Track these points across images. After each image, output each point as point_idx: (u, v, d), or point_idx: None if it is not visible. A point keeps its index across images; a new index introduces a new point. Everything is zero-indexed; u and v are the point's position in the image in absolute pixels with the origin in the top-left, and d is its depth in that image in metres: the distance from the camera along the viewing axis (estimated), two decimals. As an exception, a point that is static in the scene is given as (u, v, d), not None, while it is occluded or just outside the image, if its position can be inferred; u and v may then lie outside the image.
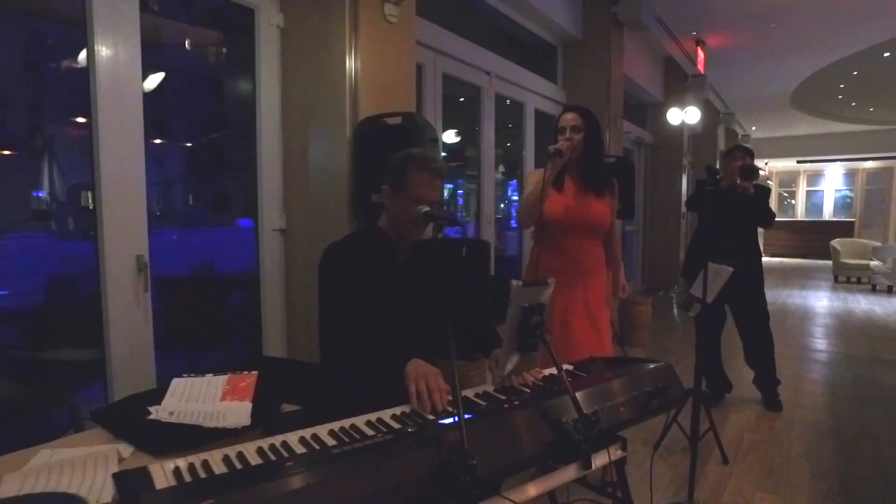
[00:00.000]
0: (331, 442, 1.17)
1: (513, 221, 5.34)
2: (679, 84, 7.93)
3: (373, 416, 1.31)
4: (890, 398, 3.80)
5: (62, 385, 2.43)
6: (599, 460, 1.33)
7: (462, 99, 4.43)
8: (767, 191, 3.62)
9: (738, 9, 5.88)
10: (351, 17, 2.49)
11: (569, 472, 1.29)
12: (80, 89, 2.20)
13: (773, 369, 3.56)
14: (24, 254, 2.33)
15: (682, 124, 7.58)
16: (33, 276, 2.43)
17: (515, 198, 5.59)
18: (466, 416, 1.16)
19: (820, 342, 5.53)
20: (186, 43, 2.85)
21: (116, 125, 2.15)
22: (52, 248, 2.46)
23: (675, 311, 6.54)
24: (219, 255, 3.06)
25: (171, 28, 2.68)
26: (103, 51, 2.11)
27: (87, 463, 1.54)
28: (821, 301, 8.04)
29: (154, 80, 2.41)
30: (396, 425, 1.27)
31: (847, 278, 9.87)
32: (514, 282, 1.30)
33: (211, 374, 2.19)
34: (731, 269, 2.60)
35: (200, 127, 3.05)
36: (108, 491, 1.48)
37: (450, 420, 1.24)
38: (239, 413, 1.86)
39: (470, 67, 4.13)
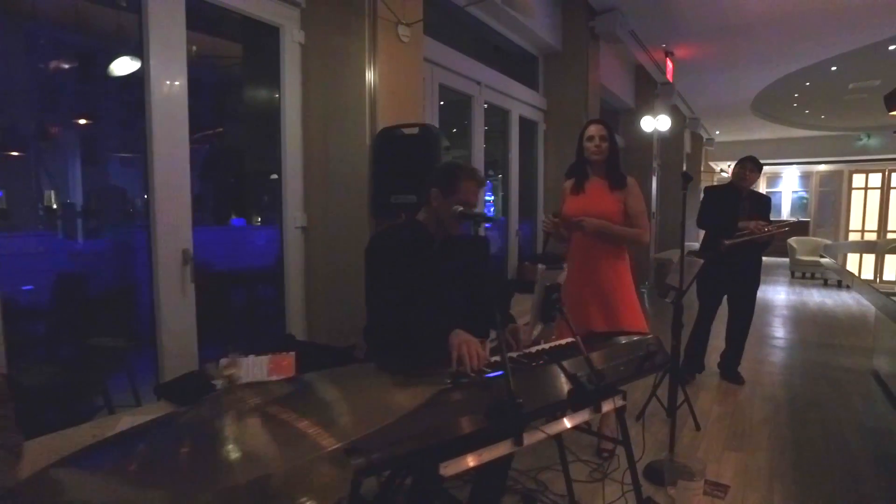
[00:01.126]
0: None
1: (502, 218, 5.65)
2: (649, 91, 8.42)
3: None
4: (835, 376, 4.31)
5: (113, 366, 2.68)
6: (606, 406, 1.68)
7: (442, 103, 4.75)
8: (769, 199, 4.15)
9: (704, 23, 6.35)
10: (370, 37, 2.80)
11: (584, 415, 1.64)
12: (134, 100, 2.45)
13: (742, 349, 4.05)
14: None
15: (654, 130, 8.07)
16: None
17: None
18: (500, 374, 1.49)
19: (778, 330, 6.06)
20: (200, 54, 3.11)
21: (166, 135, 2.41)
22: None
23: (647, 302, 6.99)
24: (246, 252, 3.35)
25: (204, 42, 2.93)
26: (156, 68, 2.37)
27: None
28: (779, 294, 8.65)
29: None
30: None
31: (802, 274, 10.56)
32: (539, 266, 1.64)
33: (253, 355, 2.49)
34: (700, 261, 3.01)
35: (223, 132, 3.31)
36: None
37: (493, 375, 1.57)
38: (290, 385, 2.18)
39: (462, 78, 4.46)
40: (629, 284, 2.78)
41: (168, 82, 2.41)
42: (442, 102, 4.70)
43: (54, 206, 4.33)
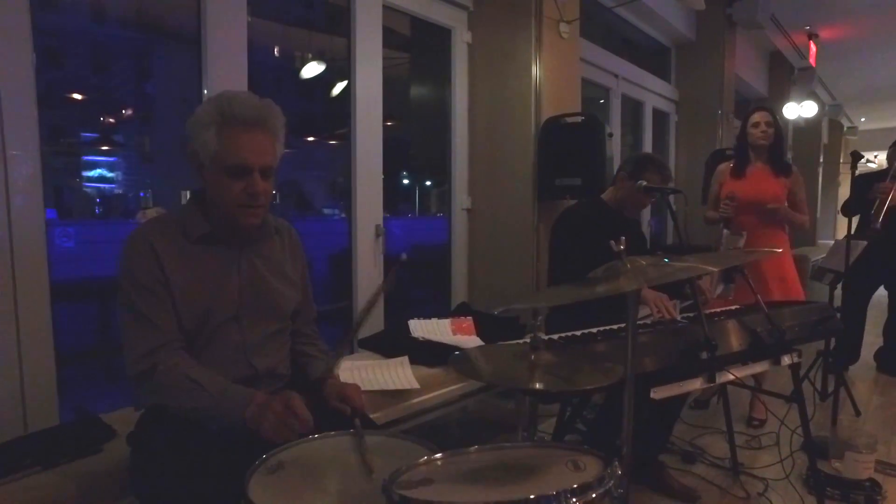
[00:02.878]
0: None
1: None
2: (784, 78, 8.01)
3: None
4: None
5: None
6: (785, 360, 1.85)
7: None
8: None
9: (854, 0, 5.99)
10: (535, 34, 3.09)
11: (763, 366, 1.82)
12: (342, 109, 2.93)
13: None
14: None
15: (789, 120, 7.69)
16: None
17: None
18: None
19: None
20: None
21: (366, 131, 2.85)
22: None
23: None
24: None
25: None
26: (360, 82, 2.82)
27: (391, 367, 2.25)
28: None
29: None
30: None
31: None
32: (724, 231, 1.84)
33: (436, 318, 2.87)
34: (863, 243, 3.01)
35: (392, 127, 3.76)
36: (412, 380, 2.17)
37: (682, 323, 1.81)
38: (472, 342, 2.56)
39: (602, 71, 4.64)
40: (793, 263, 2.88)
41: (367, 86, 2.85)
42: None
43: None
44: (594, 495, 0.75)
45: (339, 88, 3.22)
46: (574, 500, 0.72)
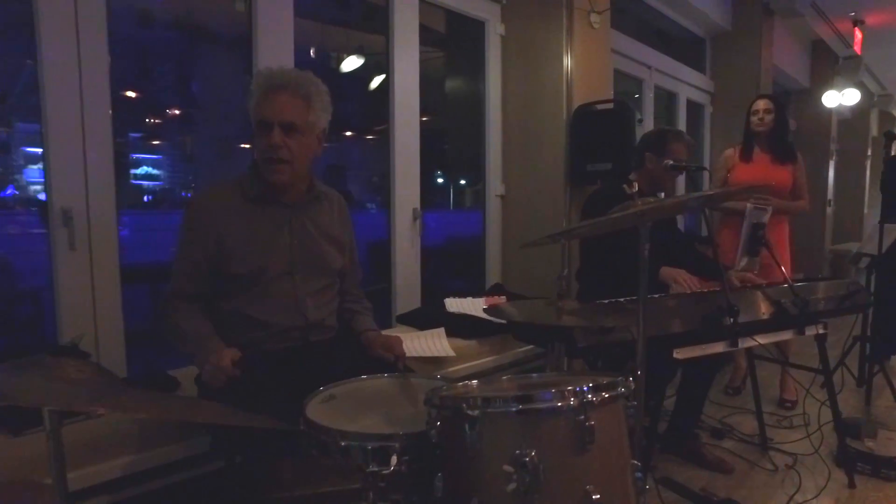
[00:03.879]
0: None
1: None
2: (828, 67, 7.82)
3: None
4: None
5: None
6: (810, 331, 1.90)
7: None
8: None
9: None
10: (567, 25, 3.18)
11: (787, 334, 1.88)
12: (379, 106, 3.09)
13: None
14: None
15: (832, 109, 7.51)
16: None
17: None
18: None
19: None
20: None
21: (404, 122, 2.99)
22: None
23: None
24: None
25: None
26: (398, 76, 2.96)
27: (428, 337, 2.38)
28: None
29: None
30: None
31: None
32: (748, 205, 1.90)
33: (471, 297, 2.99)
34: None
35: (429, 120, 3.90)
36: (448, 348, 2.29)
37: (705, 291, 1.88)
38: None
39: (634, 62, 4.68)
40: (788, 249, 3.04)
41: (405, 81, 2.99)
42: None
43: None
44: (606, 395, 0.85)
45: (376, 83, 3.38)
46: (589, 395, 0.83)
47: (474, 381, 1.02)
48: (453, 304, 2.84)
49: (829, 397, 2.04)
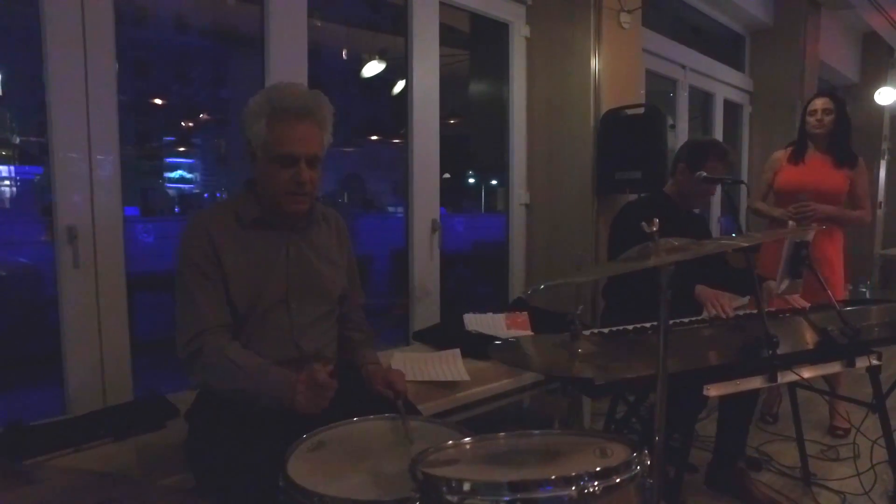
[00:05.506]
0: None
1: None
2: (881, 61, 7.38)
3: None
4: None
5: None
6: (860, 362, 1.71)
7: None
8: None
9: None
10: (595, 26, 3.02)
11: (834, 367, 1.69)
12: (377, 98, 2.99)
13: None
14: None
15: (885, 107, 7.09)
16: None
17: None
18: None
19: None
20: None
21: (423, 127, 2.89)
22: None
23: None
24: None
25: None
26: (417, 79, 2.86)
27: (442, 359, 2.26)
28: None
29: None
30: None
31: None
32: (790, 222, 1.73)
33: (491, 313, 2.86)
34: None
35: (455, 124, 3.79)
36: (463, 371, 2.17)
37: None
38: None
39: (667, 62, 4.47)
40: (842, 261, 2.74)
41: (424, 84, 2.88)
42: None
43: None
44: (618, 480, 0.73)
45: (399, 87, 3.29)
46: (595, 483, 0.70)
47: (466, 441, 0.90)
48: (472, 322, 2.72)
49: (884, 434, 1.85)
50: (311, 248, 1.44)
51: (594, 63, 3.01)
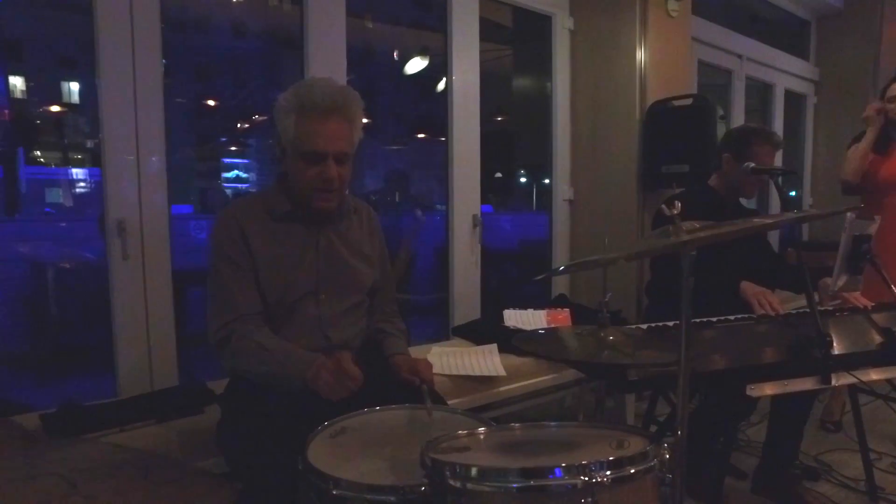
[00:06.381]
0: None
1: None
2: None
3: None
4: None
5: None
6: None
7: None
8: None
9: None
10: (640, 16, 2.92)
11: (897, 371, 1.57)
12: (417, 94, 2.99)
13: None
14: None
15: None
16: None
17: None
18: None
19: None
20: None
21: (463, 123, 2.87)
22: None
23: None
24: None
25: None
26: (457, 75, 2.84)
27: (479, 353, 2.24)
28: None
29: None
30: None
31: None
32: (848, 214, 1.61)
33: (532, 309, 2.82)
34: None
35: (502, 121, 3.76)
36: (499, 367, 2.14)
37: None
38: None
39: (722, 52, 4.27)
40: None
41: (464, 79, 2.87)
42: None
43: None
44: (632, 471, 0.69)
45: (443, 84, 3.29)
46: (608, 472, 0.67)
47: (481, 431, 0.88)
48: (511, 317, 2.69)
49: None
50: (342, 241, 1.45)
51: (640, 54, 2.92)
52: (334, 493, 0.86)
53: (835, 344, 1.49)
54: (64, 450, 0.74)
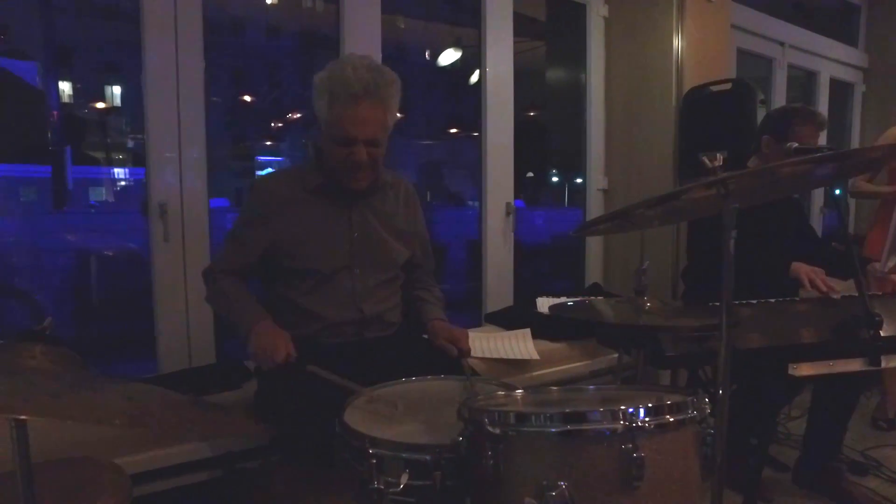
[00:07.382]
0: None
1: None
2: None
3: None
4: None
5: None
6: None
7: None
8: None
9: None
10: (677, 1, 2.86)
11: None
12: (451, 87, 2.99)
13: None
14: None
15: None
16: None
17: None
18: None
19: None
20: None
21: (496, 114, 2.87)
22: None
23: None
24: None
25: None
26: (490, 66, 2.84)
27: (512, 337, 2.23)
28: None
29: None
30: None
31: None
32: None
33: (565, 297, 2.79)
34: None
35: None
36: (533, 350, 2.13)
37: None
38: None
39: (763, 39, 4.15)
40: None
41: (498, 70, 2.86)
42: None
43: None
44: (671, 419, 0.67)
45: (476, 76, 3.29)
46: (647, 419, 0.66)
47: (518, 392, 0.88)
48: (544, 304, 2.67)
49: None
50: (376, 215, 1.46)
51: (677, 41, 2.86)
52: (371, 451, 0.87)
53: (885, 325, 1.43)
54: (116, 381, 0.77)
